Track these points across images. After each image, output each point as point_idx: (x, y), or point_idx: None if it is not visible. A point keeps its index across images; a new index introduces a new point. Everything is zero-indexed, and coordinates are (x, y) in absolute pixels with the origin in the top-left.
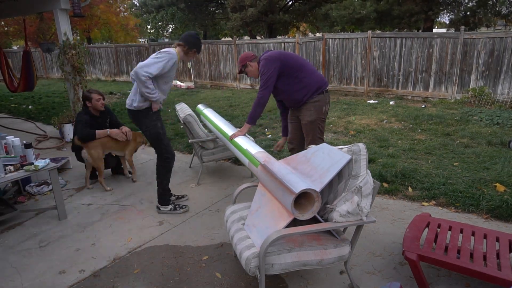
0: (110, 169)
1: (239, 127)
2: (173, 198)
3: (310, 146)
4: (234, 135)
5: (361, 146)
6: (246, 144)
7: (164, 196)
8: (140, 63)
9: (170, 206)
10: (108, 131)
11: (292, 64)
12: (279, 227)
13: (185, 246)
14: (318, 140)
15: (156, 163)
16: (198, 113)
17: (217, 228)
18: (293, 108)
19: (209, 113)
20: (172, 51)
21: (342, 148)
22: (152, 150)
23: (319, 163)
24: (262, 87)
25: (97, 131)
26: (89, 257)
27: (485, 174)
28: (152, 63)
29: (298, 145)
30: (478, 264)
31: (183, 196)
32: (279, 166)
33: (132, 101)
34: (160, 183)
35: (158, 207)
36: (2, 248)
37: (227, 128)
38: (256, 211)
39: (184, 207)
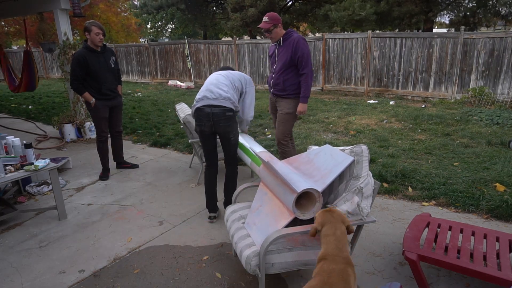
0: (115, 163)
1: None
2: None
3: (311, 146)
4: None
5: (364, 147)
6: (249, 143)
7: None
8: (248, 106)
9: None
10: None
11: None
12: (279, 226)
13: (185, 246)
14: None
15: (228, 173)
16: None
17: (217, 228)
18: (275, 95)
19: None
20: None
21: (344, 149)
22: (153, 151)
23: (321, 163)
24: (309, 67)
25: (84, 94)
26: (89, 257)
27: (485, 174)
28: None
29: None
30: (478, 264)
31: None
32: (281, 166)
33: (236, 100)
34: (232, 192)
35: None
36: (2, 248)
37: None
38: (257, 210)
39: None
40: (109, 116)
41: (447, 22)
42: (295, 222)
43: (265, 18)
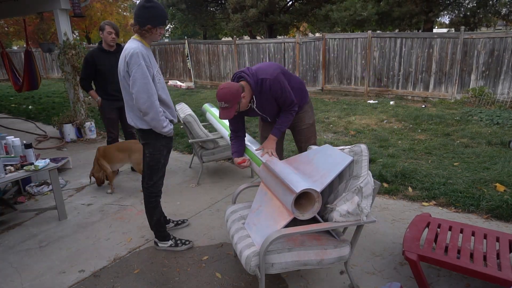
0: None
1: None
2: (171, 225)
3: (311, 146)
4: (268, 159)
5: (363, 147)
6: (249, 143)
7: (161, 231)
8: (136, 94)
9: (170, 242)
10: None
11: (285, 73)
12: (278, 226)
13: None
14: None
15: (144, 199)
16: (205, 111)
17: (217, 228)
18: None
19: (217, 112)
20: (133, 45)
21: (343, 149)
22: None
23: (321, 164)
24: (294, 105)
25: (90, 92)
26: (89, 257)
27: (485, 174)
28: (143, 83)
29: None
30: (478, 264)
31: (183, 221)
32: (281, 166)
33: (140, 119)
34: (150, 221)
35: (156, 243)
36: (2, 248)
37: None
38: (257, 210)
39: (187, 243)
40: (120, 116)
41: (447, 22)
42: (294, 222)
43: (221, 104)
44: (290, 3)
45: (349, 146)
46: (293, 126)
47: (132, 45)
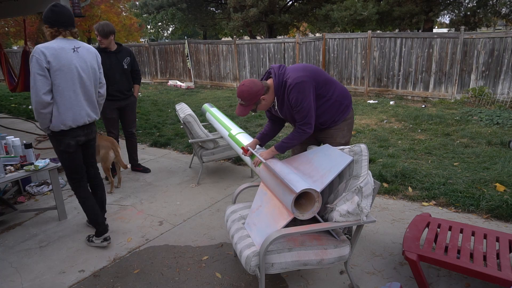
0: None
1: (240, 127)
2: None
3: (311, 146)
4: (257, 160)
5: (363, 146)
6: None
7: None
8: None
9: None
10: None
11: (321, 81)
12: (278, 226)
13: (185, 246)
14: None
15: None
16: (205, 111)
17: (217, 228)
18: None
19: (217, 112)
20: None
21: (343, 149)
22: (152, 150)
23: (321, 163)
24: (306, 125)
25: None
26: (89, 257)
27: (485, 174)
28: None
29: None
30: (478, 264)
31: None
32: (281, 166)
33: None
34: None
35: (89, 238)
36: (2, 248)
37: (236, 129)
38: (257, 210)
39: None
40: (120, 116)
41: (447, 22)
42: (294, 222)
43: (239, 101)
44: (290, 3)
45: (349, 146)
46: (321, 142)
47: (85, 43)
